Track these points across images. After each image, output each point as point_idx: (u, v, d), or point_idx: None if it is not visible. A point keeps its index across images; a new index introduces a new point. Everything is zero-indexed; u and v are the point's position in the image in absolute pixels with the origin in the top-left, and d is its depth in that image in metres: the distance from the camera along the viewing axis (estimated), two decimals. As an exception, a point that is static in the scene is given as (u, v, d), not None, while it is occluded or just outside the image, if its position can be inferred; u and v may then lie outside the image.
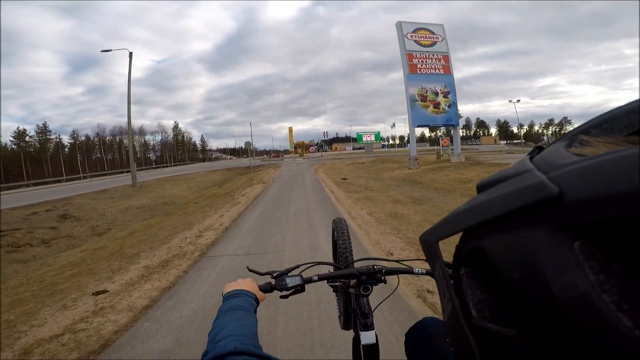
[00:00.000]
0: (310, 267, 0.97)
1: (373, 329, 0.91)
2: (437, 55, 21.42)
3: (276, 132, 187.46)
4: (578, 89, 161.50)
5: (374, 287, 0.89)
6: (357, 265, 1.00)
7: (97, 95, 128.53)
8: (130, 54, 18.57)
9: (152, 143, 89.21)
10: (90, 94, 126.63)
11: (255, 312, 0.67)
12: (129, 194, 16.71)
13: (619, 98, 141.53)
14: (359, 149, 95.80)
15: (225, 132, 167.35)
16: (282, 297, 0.84)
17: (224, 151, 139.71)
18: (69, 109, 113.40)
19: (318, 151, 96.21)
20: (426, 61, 20.99)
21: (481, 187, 0.25)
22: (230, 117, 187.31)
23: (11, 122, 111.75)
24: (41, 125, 64.39)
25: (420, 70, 20.80)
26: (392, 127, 70.64)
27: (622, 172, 0.15)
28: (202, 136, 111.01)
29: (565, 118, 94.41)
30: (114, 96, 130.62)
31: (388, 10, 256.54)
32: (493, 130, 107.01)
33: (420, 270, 0.90)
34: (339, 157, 44.41)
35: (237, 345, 0.48)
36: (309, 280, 0.85)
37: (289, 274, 0.85)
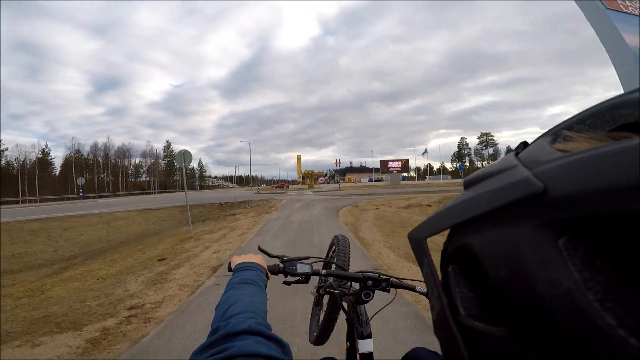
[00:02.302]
0: (317, 261, 0.96)
1: (371, 337, 0.91)
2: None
3: (285, 161, 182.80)
4: None
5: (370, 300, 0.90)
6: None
7: (116, 116, 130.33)
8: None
9: (145, 166, 78.12)
10: (109, 115, 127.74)
11: (265, 288, 0.64)
12: None
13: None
14: (377, 180, 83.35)
15: (235, 159, 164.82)
16: (284, 282, 0.85)
17: (230, 179, 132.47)
18: (88, 128, 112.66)
19: (328, 182, 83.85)
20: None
21: (468, 184, 0.25)
22: (240, 144, 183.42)
23: (33, 138, 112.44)
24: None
25: (627, 8, 7.52)
26: (423, 153, 57.52)
27: (605, 168, 0.15)
28: (199, 160, 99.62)
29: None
30: (131, 118, 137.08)
31: (396, 41, 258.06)
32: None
33: (421, 289, 0.90)
34: (363, 190, 31.14)
35: (251, 324, 0.44)
36: (317, 273, 0.86)
37: (300, 262, 0.85)
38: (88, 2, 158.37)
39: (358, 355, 0.88)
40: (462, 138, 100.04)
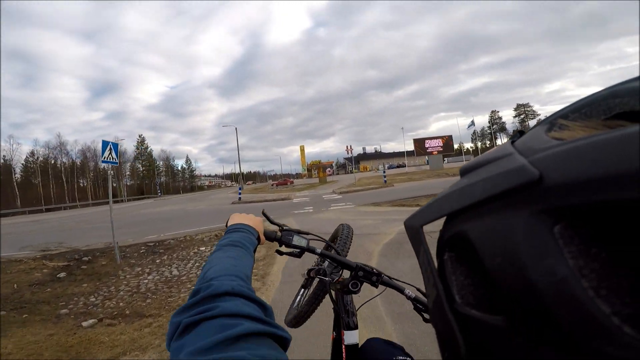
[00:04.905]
0: (317, 240, 0.93)
1: (357, 329, 0.89)
2: None
3: (287, 155, 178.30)
4: (588, 92, 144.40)
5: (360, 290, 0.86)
6: None
7: (115, 120, 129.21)
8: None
9: (128, 169, 64.69)
10: (108, 119, 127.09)
11: (254, 252, 0.64)
12: None
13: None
14: (397, 166, 69.59)
15: (237, 157, 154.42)
16: (277, 251, 0.84)
17: (230, 177, 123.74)
18: (90, 134, 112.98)
19: (338, 173, 70.38)
20: None
21: (464, 171, 0.25)
22: (241, 142, 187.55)
23: (36, 147, 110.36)
24: None
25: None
26: (469, 127, 43.30)
27: (600, 156, 0.15)
28: (186, 157, 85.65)
29: None
30: (131, 121, 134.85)
31: (388, 28, 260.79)
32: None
33: (410, 293, 0.85)
34: (436, 182, 17.31)
35: (234, 286, 0.44)
36: (312, 250, 0.84)
37: (298, 234, 0.84)
38: (73, 7, 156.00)
39: (343, 347, 0.87)
40: (493, 111, 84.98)
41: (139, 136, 67.65)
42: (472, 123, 42.32)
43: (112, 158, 5.46)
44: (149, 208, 21.54)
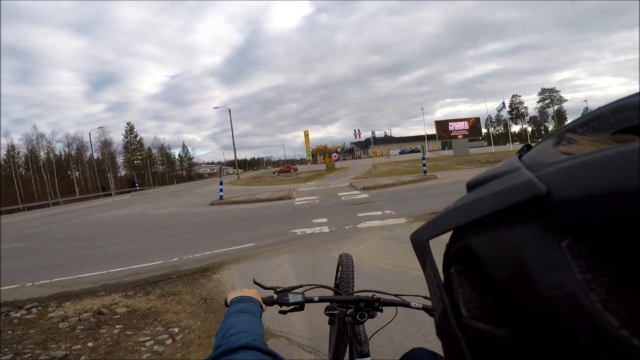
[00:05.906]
0: (311, 288, 0.98)
1: (369, 357, 0.92)
2: None
3: (291, 141, 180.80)
4: (599, 81, 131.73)
5: (371, 319, 0.92)
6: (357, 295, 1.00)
7: (117, 112, 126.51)
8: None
9: (120, 159, 60.24)
10: (111, 111, 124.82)
11: (260, 318, 0.67)
12: None
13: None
14: (411, 151, 63.96)
15: (242, 143, 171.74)
16: (281, 312, 0.88)
17: (232, 164, 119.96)
18: (93, 125, 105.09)
19: (344, 159, 65.70)
20: None
21: (471, 186, 0.25)
22: (245, 128, 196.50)
23: (16, 139, 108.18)
24: None
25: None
26: (500, 109, 37.69)
27: (608, 171, 0.15)
28: (183, 145, 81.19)
29: None
30: (133, 112, 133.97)
31: (390, 13, 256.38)
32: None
33: (416, 304, 0.91)
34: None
35: (249, 341, 0.48)
36: (310, 300, 0.88)
37: (292, 292, 0.87)
38: (59, 3, 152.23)
39: None
40: (514, 96, 77.94)
41: (127, 124, 62.23)
42: (503, 105, 36.46)
43: None
44: (111, 209, 16.82)
